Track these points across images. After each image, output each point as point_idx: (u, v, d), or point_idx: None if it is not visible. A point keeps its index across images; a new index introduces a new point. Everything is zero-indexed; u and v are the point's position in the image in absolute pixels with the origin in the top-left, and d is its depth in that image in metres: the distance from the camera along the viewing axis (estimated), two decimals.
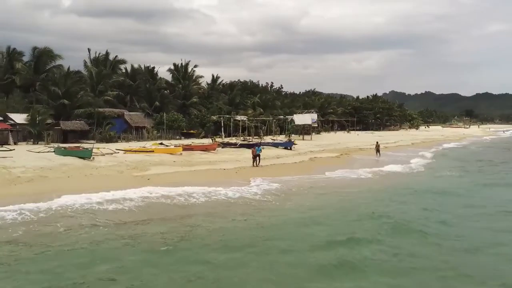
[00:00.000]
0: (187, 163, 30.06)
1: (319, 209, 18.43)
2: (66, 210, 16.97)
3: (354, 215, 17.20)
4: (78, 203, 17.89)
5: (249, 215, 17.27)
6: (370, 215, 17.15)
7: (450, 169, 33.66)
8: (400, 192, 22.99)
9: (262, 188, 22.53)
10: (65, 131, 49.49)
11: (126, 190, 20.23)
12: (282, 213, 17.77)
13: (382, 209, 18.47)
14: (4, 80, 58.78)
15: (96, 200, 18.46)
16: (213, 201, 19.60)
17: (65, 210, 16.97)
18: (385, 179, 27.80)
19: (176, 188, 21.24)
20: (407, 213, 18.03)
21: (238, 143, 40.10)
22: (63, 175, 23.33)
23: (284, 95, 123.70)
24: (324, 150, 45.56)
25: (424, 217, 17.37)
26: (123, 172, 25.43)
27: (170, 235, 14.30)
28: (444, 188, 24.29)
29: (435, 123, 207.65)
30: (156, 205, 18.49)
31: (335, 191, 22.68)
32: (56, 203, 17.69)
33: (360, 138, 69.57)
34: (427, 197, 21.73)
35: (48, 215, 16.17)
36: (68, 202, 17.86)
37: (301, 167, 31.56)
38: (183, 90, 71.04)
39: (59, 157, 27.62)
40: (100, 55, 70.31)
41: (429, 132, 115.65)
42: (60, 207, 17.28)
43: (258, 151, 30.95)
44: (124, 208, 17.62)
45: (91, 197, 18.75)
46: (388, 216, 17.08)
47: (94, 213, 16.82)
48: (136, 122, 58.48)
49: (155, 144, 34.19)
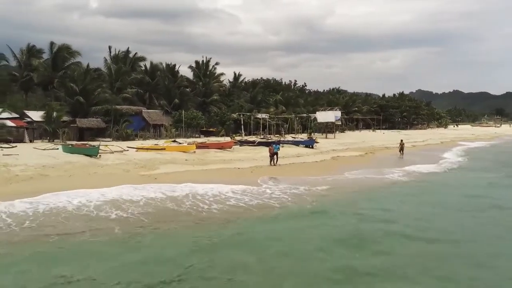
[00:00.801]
0: (200, 161, 28.31)
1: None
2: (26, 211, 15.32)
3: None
4: (52, 203, 16.29)
5: (232, 221, 15.12)
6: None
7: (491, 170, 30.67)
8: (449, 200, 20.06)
9: (267, 191, 20.32)
10: (81, 129, 48.54)
11: (111, 188, 18.78)
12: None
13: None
14: (23, 78, 58.49)
15: (78, 200, 16.85)
16: (201, 199, 17.72)
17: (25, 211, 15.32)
18: (417, 180, 25.36)
19: (168, 186, 19.74)
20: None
21: (257, 141, 38.14)
22: (65, 174, 21.87)
23: (307, 93, 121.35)
24: (348, 148, 43.25)
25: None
26: (130, 171, 23.82)
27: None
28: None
29: (464, 122, 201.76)
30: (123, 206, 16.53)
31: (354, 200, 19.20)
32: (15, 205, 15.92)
33: (386, 136, 66.80)
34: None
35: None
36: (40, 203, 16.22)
37: (322, 166, 29.43)
38: (203, 87, 69.67)
39: (65, 155, 26.25)
40: (120, 53, 69.60)
41: (459, 131, 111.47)
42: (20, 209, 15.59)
43: (276, 149, 28.92)
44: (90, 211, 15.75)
45: (72, 197, 17.25)
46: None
47: (56, 215, 15.06)
48: (154, 120, 57.25)
49: (168, 142, 32.50)
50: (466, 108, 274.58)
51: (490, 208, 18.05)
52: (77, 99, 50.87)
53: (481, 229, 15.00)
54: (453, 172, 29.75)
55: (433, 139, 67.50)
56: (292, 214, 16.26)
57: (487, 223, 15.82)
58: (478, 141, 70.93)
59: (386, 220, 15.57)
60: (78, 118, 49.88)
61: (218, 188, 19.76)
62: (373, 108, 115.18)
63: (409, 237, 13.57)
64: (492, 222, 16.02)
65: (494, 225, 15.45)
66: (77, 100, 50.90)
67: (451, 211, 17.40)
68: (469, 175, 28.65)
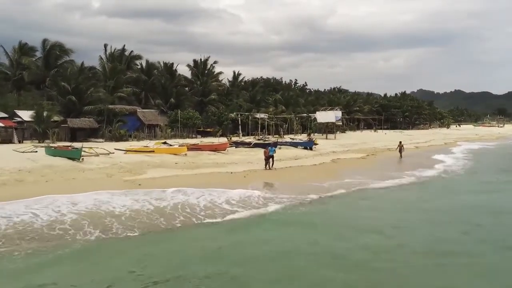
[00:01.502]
0: (191, 165, 26.63)
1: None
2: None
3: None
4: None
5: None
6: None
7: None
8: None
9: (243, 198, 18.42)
10: (73, 129, 46.93)
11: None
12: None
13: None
14: (16, 76, 57.00)
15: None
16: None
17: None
18: (423, 187, 23.68)
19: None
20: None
21: (253, 143, 36.45)
22: (41, 179, 20.21)
23: (308, 92, 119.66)
24: (348, 150, 41.57)
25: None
26: (113, 175, 22.15)
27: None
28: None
29: (466, 122, 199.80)
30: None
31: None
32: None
33: (388, 137, 65.04)
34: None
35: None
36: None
37: (320, 170, 27.72)
38: (201, 86, 68.03)
39: (46, 158, 24.57)
40: (116, 51, 68.03)
41: (461, 131, 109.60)
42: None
43: (271, 152, 27.20)
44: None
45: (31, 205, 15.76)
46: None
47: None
48: (149, 120, 55.63)
49: (158, 143, 30.83)
50: (468, 108, 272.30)
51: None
52: (69, 99, 49.27)
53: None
54: (461, 177, 27.92)
55: (436, 139, 65.77)
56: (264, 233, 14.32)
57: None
58: (483, 142, 69.23)
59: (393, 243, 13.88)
60: (70, 118, 48.30)
61: (191, 198, 18.01)
62: (374, 108, 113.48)
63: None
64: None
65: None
66: (69, 99, 49.31)
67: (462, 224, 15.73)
68: (479, 179, 26.98)
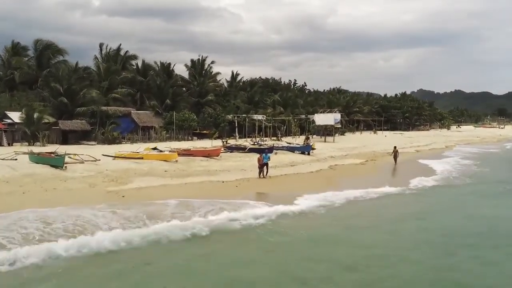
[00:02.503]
0: (181, 173, 25.30)
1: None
2: None
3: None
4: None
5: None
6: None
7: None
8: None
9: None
10: (64, 131, 45.65)
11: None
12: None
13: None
14: (7, 76, 55.81)
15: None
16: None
17: None
18: (428, 200, 22.39)
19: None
20: None
21: (248, 147, 35.12)
22: (19, 190, 18.91)
23: (307, 93, 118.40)
24: (347, 155, 40.26)
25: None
26: (97, 185, 20.86)
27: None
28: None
29: (466, 122, 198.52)
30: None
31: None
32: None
33: (388, 140, 63.64)
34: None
35: None
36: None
37: (316, 178, 26.43)
38: (198, 87, 66.73)
39: (27, 166, 23.18)
40: (111, 50, 66.77)
41: (462, 132, 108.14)
42: None
43: (265, 159, 25.91)
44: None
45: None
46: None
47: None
48: (144, 122, 54.31)
49: (148, 149, 29.51)
50: (468, 108, 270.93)
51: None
52: (61, 100, 47.98)
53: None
54: (466, 188, 26.20)
55: (437, 142, 64.35)
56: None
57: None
58: (485, 145, 67.95)
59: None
60: (62, 119, 47.01)
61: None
62: (374, 109, 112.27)
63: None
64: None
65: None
66: (61, 101, 48.02)
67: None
68: (481, 191, 25.56)
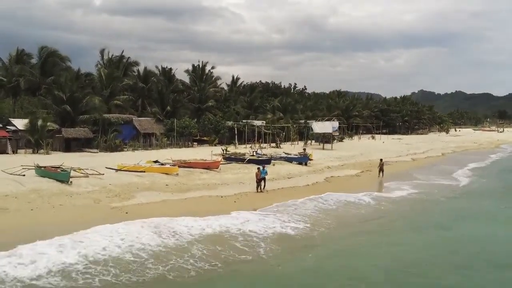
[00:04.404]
0: (181, 187, 26.22)
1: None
2: None
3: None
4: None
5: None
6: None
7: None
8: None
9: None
10: (67, 139, 46.62)
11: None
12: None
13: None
14: (12, 83, 56.78)
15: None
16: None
17: None
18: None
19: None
20: None
21: (246, 159, 36.01)
22: (26, 207, 19.78)
23: (307, 96, 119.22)
24: (344, 165, 41.21)
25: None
26: (101, 201, 21.77)
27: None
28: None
29: (466, 125, 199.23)
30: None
31: None
32: None
33: (385, 146, 64.61)
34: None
35: None
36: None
37: (311, 192, 27.13)
38: (198, 93, 67.61)
39: (34, 180, 24.00)
40: (114, 56, 67.76)
41: (461, 137, 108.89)
42: None
43: (263, 174, 26.88)
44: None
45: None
46: None
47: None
48: (145, 129, 55.29)
49: (149, 161, 30.45)
50: (469, 109, 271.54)
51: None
52: (64, 108, 48.95)
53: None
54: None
55: (434, 149, 65.20)
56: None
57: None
58: (481, 152, 68.68)
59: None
60: (65, 127, 47.99)
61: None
62: (373, 113, 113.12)
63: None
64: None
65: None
66: (64, 108, 49.00)
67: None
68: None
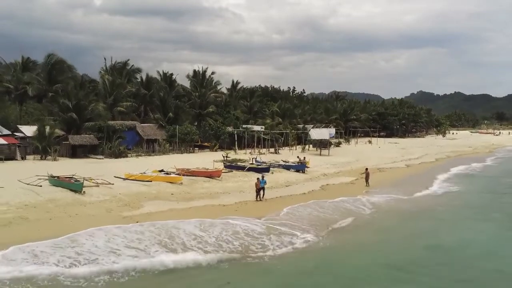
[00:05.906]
0: (186, 196, 28.00)
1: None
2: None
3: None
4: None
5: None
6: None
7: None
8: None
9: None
10: (73, 146, 48.40)
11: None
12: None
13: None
14: (18, 91, 58.50)
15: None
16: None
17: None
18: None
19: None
20: None
21: (247, 166, 37.83)
22: (45, 216, 21.50)
23: (305, 100, 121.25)
24: (339, 172, 43.00)
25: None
26: (113, 210, 23.54)
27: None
28: None
29: (464, 127, 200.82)
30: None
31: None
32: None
33: (381, 152, 66.27)
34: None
35: None
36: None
37: (307, 200, 28.89)
38: (199, 99, 69.38)
39: (49, 190, 25.67)
40: (117, 63, 69.51)
41: (457, 140, 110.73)
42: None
43: (262, 183, 28.67)
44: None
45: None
46: None
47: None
48: (148, 135, 57.13)
49: (155, 171, 32.28)
50: (468, 110, 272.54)
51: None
52: (70, 115, 50.78)
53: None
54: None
55: (429, 154, 66.92)
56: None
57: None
58: (475, 157, 70.09)
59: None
60: (71, 134, 49.80)
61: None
62: (371, 116, 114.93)
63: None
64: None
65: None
66: (70, 116, 50.82)
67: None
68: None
